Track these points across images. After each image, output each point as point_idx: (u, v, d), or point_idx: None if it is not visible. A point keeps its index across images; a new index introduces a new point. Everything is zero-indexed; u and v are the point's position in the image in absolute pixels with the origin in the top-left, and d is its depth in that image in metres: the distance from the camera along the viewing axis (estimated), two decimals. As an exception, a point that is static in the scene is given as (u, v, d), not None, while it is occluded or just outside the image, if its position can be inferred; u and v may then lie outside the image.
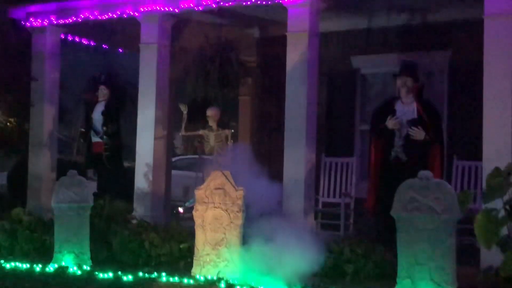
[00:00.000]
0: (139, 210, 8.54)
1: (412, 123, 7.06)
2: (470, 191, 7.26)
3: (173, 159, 9.46)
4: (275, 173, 6.81)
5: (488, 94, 6.77)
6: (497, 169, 5.09)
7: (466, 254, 5.88)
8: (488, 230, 4.77)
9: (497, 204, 4.96)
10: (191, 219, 6.28)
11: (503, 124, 6.68)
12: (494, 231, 4.78)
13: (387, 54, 9.22)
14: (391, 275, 5.36)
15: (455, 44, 8.89)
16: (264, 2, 8.14)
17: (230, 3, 8.31)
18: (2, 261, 6.66)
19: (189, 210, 7.93)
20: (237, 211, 5.88)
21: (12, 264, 6.59)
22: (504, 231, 4.87)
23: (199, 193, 6.10)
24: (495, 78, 6.77)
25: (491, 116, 6.72)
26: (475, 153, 7.20)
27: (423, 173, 5.21)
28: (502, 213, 4.88)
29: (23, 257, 6.92)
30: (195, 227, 6.08)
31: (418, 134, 7.00)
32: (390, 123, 7.10)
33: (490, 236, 4.78)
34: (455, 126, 8.82)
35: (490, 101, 6.76)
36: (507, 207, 4.92)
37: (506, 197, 4.97)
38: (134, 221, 7.82)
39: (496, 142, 6.65)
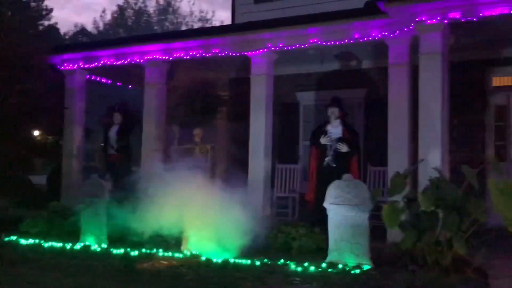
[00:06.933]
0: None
1: (339, 140, 6.97)
2: (379, 188, 7.35)
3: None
4: (243, 176, 6.82)
5: (392, 122, 6.86)
6: (398, 172, 5.16)
7: (376, 233, 5.81)
8: (392, 216, 4.76)
9: (398, 198, 4.99)
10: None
11: (402, 141, 6.78)
12: (396, 217, 4.78)
13: (322, 91, 9.18)
14: (325, 249, 5.33)
15: (369, 85, 8.80)
16: (234, 54, 8.20)
17: (210, 54, 8.33)
18: (42, 241, 6.49)
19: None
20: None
21: (49, 243, 6.44)
22: (403, 217, 4.87)
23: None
24: (396, 109, 6.86)
25: (394, 135, 6.80)
26: (383, 161, 7.18)
27: (346, 175, 5.28)
28: (401, 204, 4.90)
29: (57, 238, 6.73)
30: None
31: (343, 148, 6.93)
32: (323, 140, 7.03)
33: (393, 220, 4.77)
34: (369, 142, 8.67)
35: (393, 125, 6.85)
36: (405, 200, 4.95)
37: (404, 193, 5.02)
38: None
39: (397, 153, 6.74)
